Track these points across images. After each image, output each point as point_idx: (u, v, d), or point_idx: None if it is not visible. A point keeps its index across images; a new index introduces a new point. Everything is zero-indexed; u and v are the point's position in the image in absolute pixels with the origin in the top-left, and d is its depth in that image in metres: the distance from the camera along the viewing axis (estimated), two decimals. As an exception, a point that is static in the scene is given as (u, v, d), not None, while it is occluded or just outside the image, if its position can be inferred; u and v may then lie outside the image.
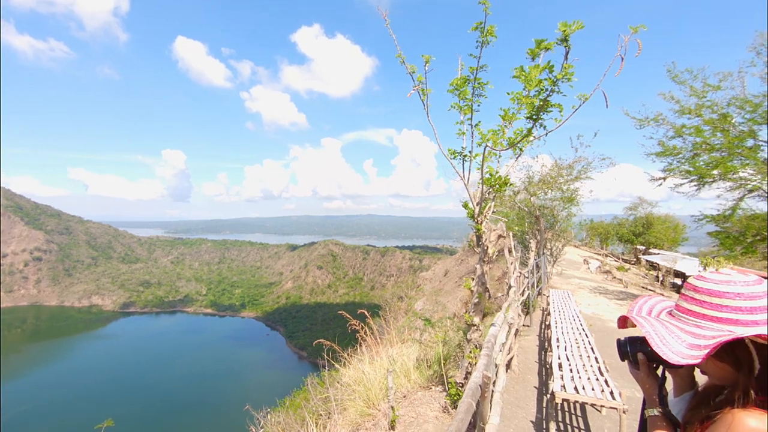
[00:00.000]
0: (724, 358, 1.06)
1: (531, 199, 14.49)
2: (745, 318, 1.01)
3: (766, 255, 12.61)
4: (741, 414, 0.96)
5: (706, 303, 1.06)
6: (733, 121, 11.77)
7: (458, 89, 4.34)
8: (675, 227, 37.16)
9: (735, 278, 1.07)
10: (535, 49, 3.84)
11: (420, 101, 4.29)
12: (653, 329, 1.10)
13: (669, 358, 1.00)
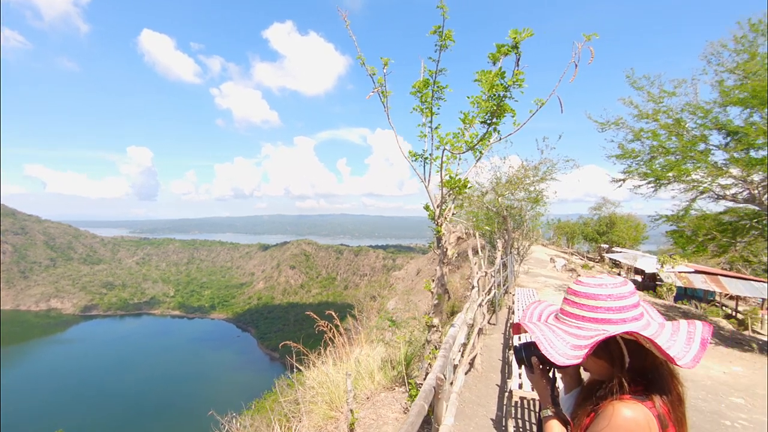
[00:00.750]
0: (600, 355, 1.15)
1: (499, 200, 14.77)
2: (615, 317, 1.11)
3: (716, 253, 13.32)
4: (618, 405, 1.05)
5: (584, 306, 1.15)
6: (687, 126, 12.34)
7: (420, 92, 4.37)
8: (636, 226, 38.77)
9: (606, 281, 1.16)
10: (496, 54, 3.90)
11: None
12: (542, 333, 1.17)
13: (556, 360, 1.07)
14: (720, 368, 8.37)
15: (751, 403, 6.49)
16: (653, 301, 19.58)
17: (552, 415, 1.27)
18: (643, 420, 1.01)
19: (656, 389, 1.08)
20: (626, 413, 1.02)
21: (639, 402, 1.05)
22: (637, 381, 1.10)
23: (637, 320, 1.12)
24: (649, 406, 1.05)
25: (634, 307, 1.13)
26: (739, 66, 11.02)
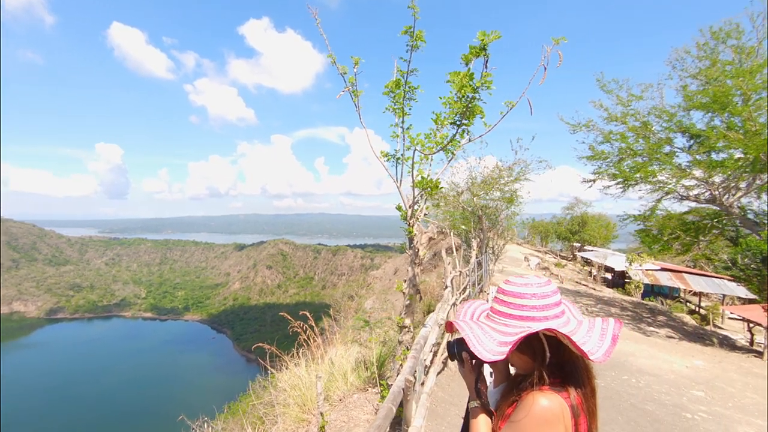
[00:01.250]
0: (524, 351, 1.22)
1: (474, 200, 14.94)
2: (539, 314, 1.18)
3: (680, 252, 13.85)
4: (536, 395, 1.12)
5: (511, 304, 1.22)
6: (653, 129, 12.79)
7: (393, 92, 4.35)
8: (607, 225, 39.94)
9: (532, 281, 1.24)
10: (468, 55, 3.93)
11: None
12: (471, 331, 1.23)
13: (482, 356, 1.13)
14: (682, 362, 8.69)
15: (710, 395, 6.77)
16: (622, 298, 20.20)
17: (478, 407, 1.33)
18: (558, 409, 1.09)
19: (572, 382, 1.16)
20: (543, 402, 1.09)
21: (556, 393, 1.13)
22: (556, 374, 1.17)
23: (558, 318, 1.19)
24: (564, 397, 1.12)
25: (555, 305, 1.21)
26: (702, 72, 11.47)
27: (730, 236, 12.17)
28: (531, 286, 1.21)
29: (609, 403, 5.96)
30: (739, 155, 11.22)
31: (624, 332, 11.29)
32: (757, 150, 10.23)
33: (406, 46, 3.91)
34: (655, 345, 10.24)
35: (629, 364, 8.09)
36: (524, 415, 1.10)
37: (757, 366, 9.20)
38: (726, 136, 10.92)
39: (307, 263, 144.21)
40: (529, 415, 1.09)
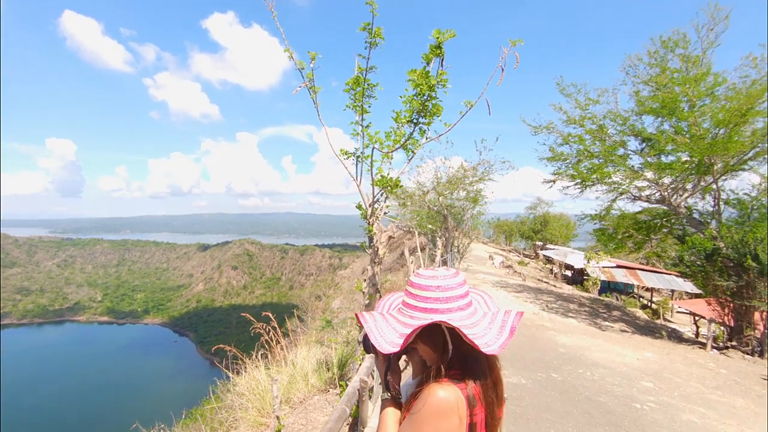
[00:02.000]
0: (427, 343, 1.23)
1: (439, 199, 15.10)
2: (442, 306, 1.19)
3: (633, 250, 14.53)
4: (433, 386, 1.13)
5: (418, 296, 1.22)
6: (608, 132, 13.34)
7: (353, 89, 4.30)
8: (567, 225, 41.41)
9: (439, 274, 1.24)
10: (429, 55, 3.93)
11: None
12: (374, 323, 1.23)
13: (380, 348, 1.14)
14: (634, 355, 9.10)
15: (658, 386, 7.12)
16: (580, 294, 20.99)
17: (387, 399, 1.34)
18: (453, 400, 1.11)
19: (472, 373, 1.18)
20: (440, 394, 1.10)
21: (454, 384, 1.13)
22: (458, 366, 1.19)
23: (462, 310, 1.20)
24: (462, 388, 1.14)
25: (461, 297, 1.21)
26: (652, 78, 12.05)
27: (677, 235, 12.85)
28: (437, 279, 1.22)
29: (565, 397, 6.15)
30: (685, 158, 11.88)
31: (581, 327, 11.72)
32: (701, 153, 10.86)
33: (365, 43, 3.87)
34: (610, 339, 10.68)
35: (585, 358, 8.39)
36: (420, 407, 1.11)
37: (701, 356, 9.77)
38: (674, 139, 11.53)
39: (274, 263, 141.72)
40: (425, 407, 1.10)
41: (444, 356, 1.21)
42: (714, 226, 11.68)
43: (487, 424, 1.18)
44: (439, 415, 1.09)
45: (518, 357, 8.01)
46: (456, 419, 1.10)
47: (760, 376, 8.55)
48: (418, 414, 1.11)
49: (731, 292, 10.90)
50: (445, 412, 1.09)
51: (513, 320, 1.21)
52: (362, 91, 4.12)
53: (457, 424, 1.10)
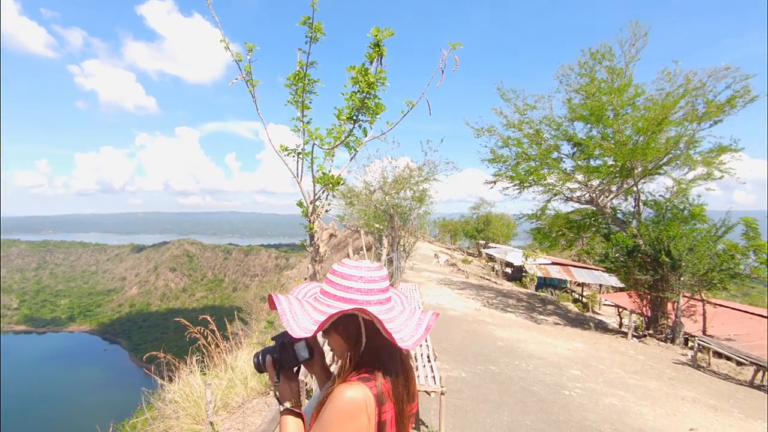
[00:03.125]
0: (341, 333, 1.21)
1: (386, 198, 15.23)
2: (361, 298, 1.17)
3: (565, 247, 15.53)
4: (341, 387, 1.10)
5: (338, 285, 1.20)
6: (544, 137, 14.14)
7: (295, 84, 4.21)
8: (508, 224, 43.33)
9: (363, 265, 1.23)
10: (372, 53, 3.94)
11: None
12: (289, 307, 1.18)
13: (293, 332, 1.09)
14: (565, 345, 9.72)
15: (585, 373, 7.65)
16: (519, 290, 22.07)
17: (284, 411, 1.29)
18: (362, 399, 1.09)
19: (383, 369, 1.17)
20: (347, 394, 1.08)
21: (362, 382, 1.12)
22: (370, 361, 1.18)
23: (382, 304, 1.20)
24: (371, 386, 1.12)
25: (381, 291, 1.21)
26: (582, 87, 12.92)
27: (604, 233, 13.90)
28: (360, 270, 1.21)
29: (502, 388, 6.43)
30: (611, 162, 12.87)
31: (519, 321, 12.33)
32: (624, 158, 11.82)
33: (306, 38, 3.81)
34: (544, 332, 11.32)
35: (521, 350, 8.83)
36: (328, 409, 1.09)
37: (623, 345, 10.63)
38: (601, 145, 12.46)
39: (217, 264, 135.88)
40: (332, 409, 1.08)
41: (356, 349, 1.19)
42: (635, 225, 12.76)
43: (397, 421, 1.18)
44: (346, 416, 1.07)
45: (460, 351, 8.27)
46: (365, 419, 1.09)
47: (671, 360, 9.46)
48: (325, 416, 1.09)
49: (648, 285, 11.95)
50: (353, 412, 1.07)
51: (429, 319, 1.22)
52: (303, 86, 4.05)
53: (366, 423, 1.09)
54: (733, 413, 6.43)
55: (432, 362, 5.42)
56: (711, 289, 11.84)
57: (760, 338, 11.60)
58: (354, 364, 1.17)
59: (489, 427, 5.04)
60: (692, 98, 11.74)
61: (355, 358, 1.18)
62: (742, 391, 7.71)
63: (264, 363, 1.32)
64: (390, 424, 1.15)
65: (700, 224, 11.83)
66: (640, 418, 5.77)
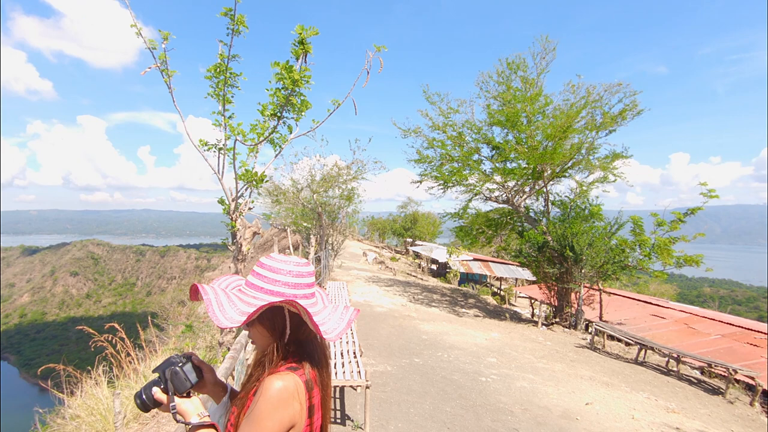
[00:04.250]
0: (266, 324, 1.24)
1: (314, 197, 15.07)
2: (288, 291, 1.22)
3: (484, 244, 16.55)
4: (270, 378, 1.13)
5: (265, 278, 1.23)
6: (466, 139, 14.91)
7: (216, 77, 4.05)
8: (434, 222, 44.99)
9: (292, 260, 1.27)
10: (298, 51, 3.91)
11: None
12: (216, 298, 1.19)
13: (220, 323, 1.11)
14: (483, 336, 10.38)
15: (500, 360, 8.25)
16: (443, 286, 23.06)
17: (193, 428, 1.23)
18: (293, 386, 1.13)
19: (308, 358, 1.23)
20: (277, 384, 1.11)
21: (291, 372, 1.17)
22: (295, 352, 1.23)
23: (308, 298, 1.25)
24: (300, 374, 1.18)
25: (308, 286, 1.26)
26: (500, 95, 13.83)
27: (518, 231, 15.05)
28: (289, 264, 1.25)
29: (425, 378, 6.72)
30: (524, 165, 13.94)
31: (442, 315, 12.91)
32: (535, 161, 12.88)
33: (227, 30, 3.69)
34: (465, 324, 11.98)
35: (443, 342, 9.27)
36: (261, 401, 1.10)
37: (534, 333, 11.60)
38: (516, 149, 13.45)
39: (128, 267, 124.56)
40: (265, 400, 1.09)
41: (280, 342, 1.22)
42: (544, 223, 13.95)
43: (323, 404, 1.24)
44: (279, 405, 1.09)
45: (386, 346, 8.47)
46: (297, 405, 1.13)
47: (573, 345, 10.52)
48: (257, 409, 1.09)
49: (556, 278, 13.16)
50: (285, 400, 1.10)
51: (350, 315, 1.30)
52: (225, 80, 3.92)
53: (299, 409, 1.13)
54: (621, 387, 7.34)
55: (358, 358, 5.52)
56: (606, 279, 13.34)
57: (644, 321, 13.33)
58: (281, 355, 1.20)
59: (412, 417, 5.25)
60: (592, 109, 13.13)
61: (282, 348, 1.21)
62: (629, 368, 8.81)
63: (151, 398, 1.24)
64: (317, 407, 1.21)
65: (597, 222, 13.26)
66: (545, 397, 6.37)
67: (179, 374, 1.24)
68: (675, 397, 7.24)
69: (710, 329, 11.88)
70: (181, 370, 1.26)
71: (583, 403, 6.22)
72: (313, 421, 1.20)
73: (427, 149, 15.52)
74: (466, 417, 5.35)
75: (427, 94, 14.89)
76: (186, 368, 1.27)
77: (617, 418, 5.79)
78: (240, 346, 3.61)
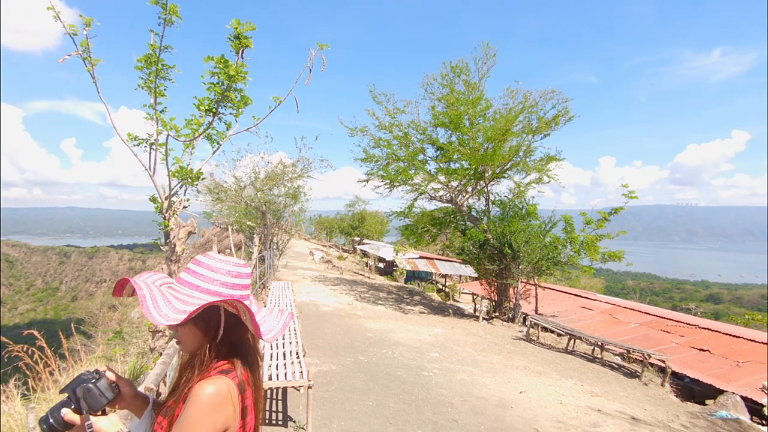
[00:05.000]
0: (199, 324, 1.21)
1: (258, 195, 14.66)
2: (226, 291, 1.20)
3: (429, 242, 16.98)
4: (201, 384, 1.11)
5: (202, 276, 1.21)
6: (412, 140, 15.19)
7: (146, 67, 3.83)
8: (381, 221, 45.32)
9: (231, 260, 1.26)
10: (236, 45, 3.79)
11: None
12: (150, 293, 1.15)
13: (155, 320, 1.08)
14: (427, 332, 10.65)
15: (443, 355, 8.51)
16: (390, 284, 23.35)
17: None
18: (226, 390, 1.12)
19: (241, 359, 1.23)
20: (209, 389, 1.09)
21: (222, 375, 1.15)
22: (226, 353, 1.21)
23: (245, 299, 1.24)
24: (232, 377, 1.16)
25: (245, 288, 1.26)
26: (444, 97, 14.22)
27: (461, 229, 15.58)
28: (229, 264, 1.23)
29: (368, 376, 6.79)
30: (467, 166, 14.45)
31: (388, 312, 13.07)
32: (477, 162, 13.40)
33: (158, 19, 3.51)
34: (410, 320, 12.22)
35: (388, 339, 9.40)
36: (192, 408, 1.07)
37: (475, 327, 12.08)
38: (458, 150, 13.91)
39: (50, 270, 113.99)
40: (198, 407, 1.06)
41: (214, 341, 1.19)
42: (485, 222, 14.54)
43: (255, 405, 1.23)
44: (212, 409, 1.07)
45: (331, 345, 8.45)
46: (230, 408, 1.11)
47: (511, 337, 11.08)
48: (189, 417, 1.06)
49: (495, 274, 13.77)
50: (218, 405, 1.08)
51: (285, 318, 1.31)
52: (156, 71, 3.72)
53: (232, 412, 1.12)
54: (552, 375, 7.86)
55: (301, 358, 5.47)
56: (541, 275, 14.18)
57: (574, 313, 14.32)
58: (213, 356, 1.18)
59: (356, 414, 5.29)
60: (529, 114, 13.88)
61: (214, 349, 1.18)
62: (559, 357, 9.44)
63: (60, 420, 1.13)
64: (250, 408, 1.19)
65: (534, 221, 14.04)
66: (484, 388, 6.67)
67: (93, 391, 1.16)
68: (599, 381, 7.86)
69: (630, 319, 13.02)
70: (94, 386, 1.17)
71: (518, 392, 6.59)
72: (246, 423, 1.18)
73: (374, 148, 15.64)
74: (408, 411, 5.48)
75: (374, 94, 15.00)
76: (100, 384, 1.18)
77: (547, 404, 6.19)
78: (173, 351, 3.46)
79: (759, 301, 73.28)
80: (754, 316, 27.33)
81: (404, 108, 15.23)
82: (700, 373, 8.90)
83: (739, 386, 8.19)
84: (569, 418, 5.77)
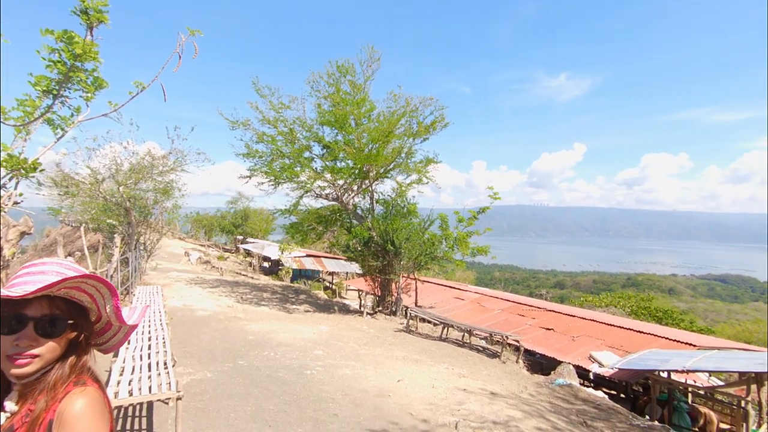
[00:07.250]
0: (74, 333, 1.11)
1: (120, 189, 12.96)
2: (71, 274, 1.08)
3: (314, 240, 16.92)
4: (72, 400, 0.99)
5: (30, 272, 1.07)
6: (297, 136, 14.94)
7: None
8: (267, 219, 43.62)
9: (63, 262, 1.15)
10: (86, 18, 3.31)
11: None
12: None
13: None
14: (311, 330, 10.62)
15: (326, 352, 8.59)
16: (275, 283, 22.66)
17: None
18: (100, 399, 1.06)
19: (92, 371, 1.14)
20: (82, 401, 1.00)
21: (83, 386, 1.05)
22: (81, 366, 1.11)
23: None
24: (96, 387, 1.08)
25: None
26: (330, 96, 14.29)
27: (347, 227, 15.86)
28: (59, 259, 1.16)
29: (248, 380, 6.53)
30: (352, 165, 14.74)
31: (272, 313, 12.70)
32: (362, 162, 13.76)
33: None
34: (295, 320, 12.04)
35: (271, 341, 9.15)
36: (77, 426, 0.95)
37: (359, 322, 12.42)
38: (344, 149, 14.11)
39: None
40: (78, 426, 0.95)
41: (79, 352, 1.10)
42: (369, 220, 15.03)
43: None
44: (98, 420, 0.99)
45: (207, 352, 7.92)
46: (107, 413, 1.04)
47: (392, 330, 11.66)
48: None
49: (379, 270, 14.34)
50: (101, 413, 1.01)
51: (139, 314, 1.30)
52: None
53: (108, 417, 1.04)
54: (427, 362, 8.50)
55: (169, 368, 5.03)
56: (421, 269, 15.18)
57: (449, 303, 15.65)
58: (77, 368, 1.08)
59: (233, 421, 5.06)
60: (410, 118, 14.69)
61: (79, 362, 1.09)
62: (435, 345, 10.24)
63: None
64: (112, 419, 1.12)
65: (414, 219, 14.95)
66: (365, 380, 6.93)
67: None
68: (466, 364, 8.74)
69: (495, 306, 14.70)
70: None
71: (396, 381, 6.99)
72: None
73: (257, 144, 14.97)
74: (289, 411, 5.43)
75: (257, 87, 14.36)
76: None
77: (421, 389, 6.69)
78: None
79: (592, 286, 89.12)
80: (587, 298, 33.10)
81: (290, 104, 14.90)
82: (546, 349, 10.49)
83: (573, 357, 9.86)
84: (439, 399, 6.32)
